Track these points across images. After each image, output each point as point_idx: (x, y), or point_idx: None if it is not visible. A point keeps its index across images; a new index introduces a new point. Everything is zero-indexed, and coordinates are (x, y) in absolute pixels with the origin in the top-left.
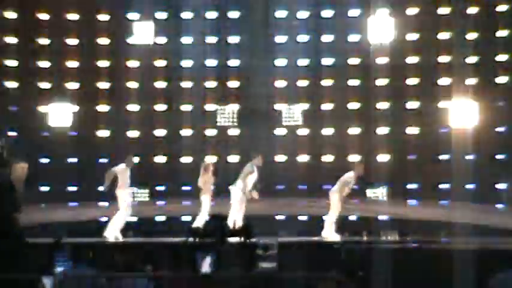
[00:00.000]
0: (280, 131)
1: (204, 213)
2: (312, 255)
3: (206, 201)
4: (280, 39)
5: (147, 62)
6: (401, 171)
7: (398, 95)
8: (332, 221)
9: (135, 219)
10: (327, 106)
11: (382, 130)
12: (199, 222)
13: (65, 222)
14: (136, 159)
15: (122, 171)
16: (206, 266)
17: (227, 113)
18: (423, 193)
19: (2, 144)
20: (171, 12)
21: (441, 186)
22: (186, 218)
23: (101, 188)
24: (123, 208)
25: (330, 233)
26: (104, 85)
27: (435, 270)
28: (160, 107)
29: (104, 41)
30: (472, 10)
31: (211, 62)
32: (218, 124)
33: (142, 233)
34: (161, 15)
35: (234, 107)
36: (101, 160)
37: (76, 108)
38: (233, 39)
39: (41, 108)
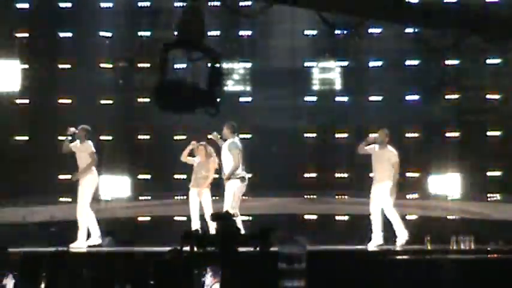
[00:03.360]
0: (309, 98)
1: (207, 210)
2: (359, 271)
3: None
4: None
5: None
6: (479, 151)
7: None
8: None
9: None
10: (375, 62)
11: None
12: (197, 224)
13: (9, 223)
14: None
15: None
16: (208, 286)
17: (236, 73)
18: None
19: None
20: None
21: None
22: (179, 219)
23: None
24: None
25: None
26: (65, 34)
27: None
28: (144, 65)
29: None
30: None
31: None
32: (225, 88)
33: (118, 240)
34: None
35: (245, 65)
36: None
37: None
38: None
39: None
